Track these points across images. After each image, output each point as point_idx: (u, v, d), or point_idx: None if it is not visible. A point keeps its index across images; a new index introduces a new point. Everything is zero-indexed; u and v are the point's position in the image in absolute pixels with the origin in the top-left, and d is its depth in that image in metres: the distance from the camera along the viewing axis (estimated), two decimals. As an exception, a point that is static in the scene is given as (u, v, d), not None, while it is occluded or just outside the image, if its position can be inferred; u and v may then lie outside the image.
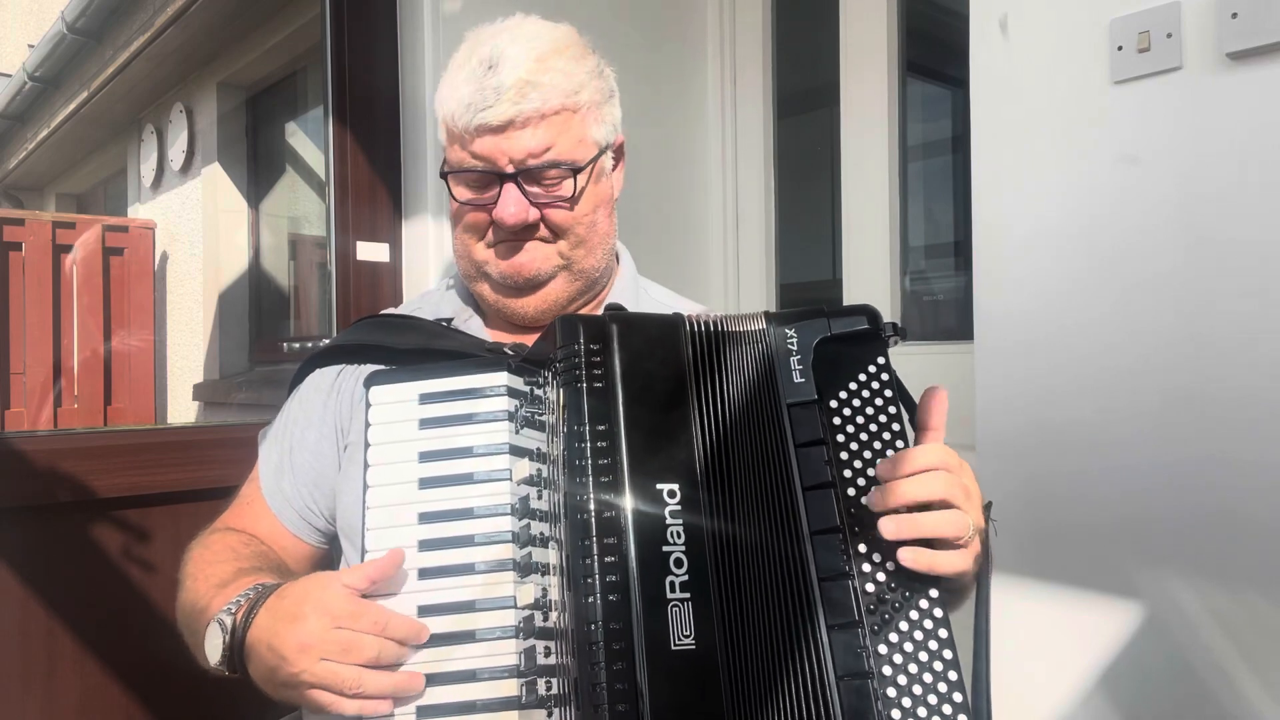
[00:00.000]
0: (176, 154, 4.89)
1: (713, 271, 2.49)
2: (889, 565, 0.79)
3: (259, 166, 4.68)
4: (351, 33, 1.92)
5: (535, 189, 1.02)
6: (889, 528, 0.77)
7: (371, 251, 1.97)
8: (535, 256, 1.05)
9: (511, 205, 1.01)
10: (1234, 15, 1.26)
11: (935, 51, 2.29)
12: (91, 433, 1.79)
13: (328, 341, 1.17)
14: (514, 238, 1.04)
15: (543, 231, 1.04)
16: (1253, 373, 1.27)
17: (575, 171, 1.02)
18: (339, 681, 0.78)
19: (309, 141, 4.38)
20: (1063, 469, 1.45)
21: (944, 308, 2.25)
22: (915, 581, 0.78)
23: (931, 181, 2.30)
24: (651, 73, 2.33)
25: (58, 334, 4.62)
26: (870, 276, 2.21)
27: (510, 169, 1.01)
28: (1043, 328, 1.47)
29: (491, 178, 1.02)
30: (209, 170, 4.67)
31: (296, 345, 2.00)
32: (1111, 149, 1.39)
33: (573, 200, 1.03)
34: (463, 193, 1.05)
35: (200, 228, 4.74)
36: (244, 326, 4.65)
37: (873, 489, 0.80)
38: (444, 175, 1.06)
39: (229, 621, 0.86)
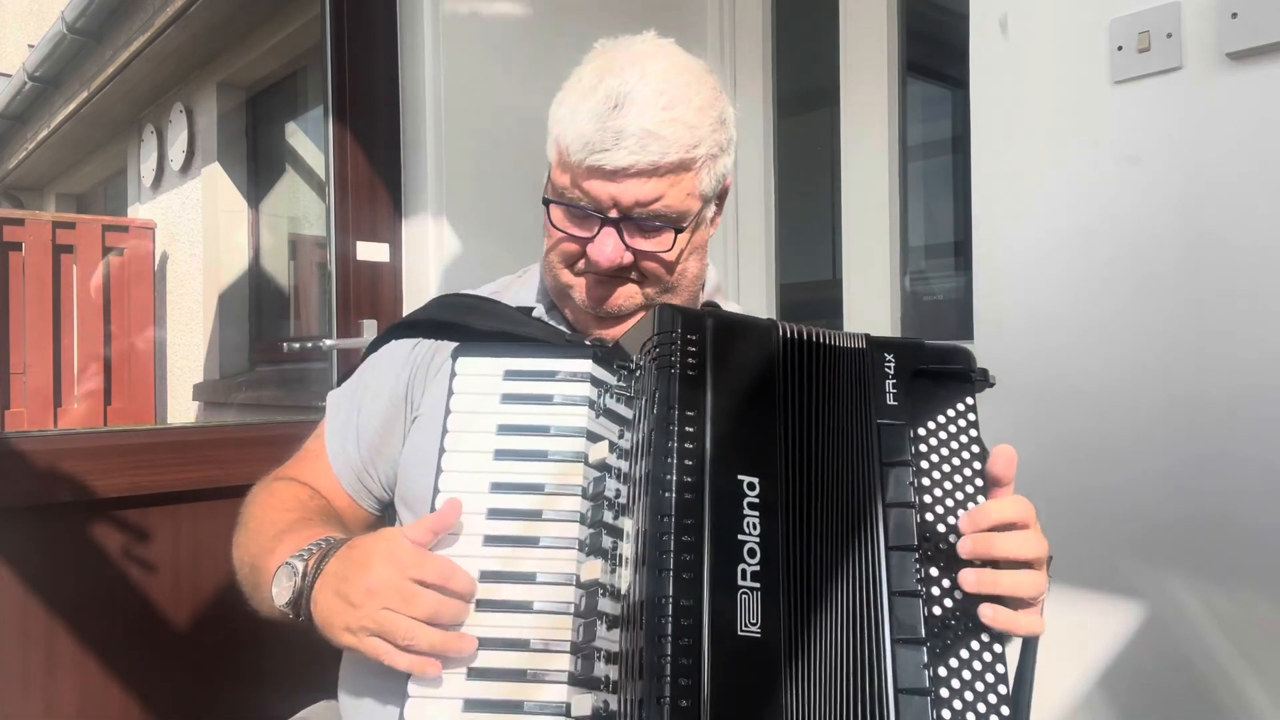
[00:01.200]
0: (176, 154, 4.89)
1: (712, 271, 2.49)
2: (957, 593, 0.81)
3: (259, 166, 4.68)
4: (351, 33, 1.92)
5: (635, 236, 1.01)
6: (969, 580, 0.80)
7: (371, 251, 1.97)
8: (622, 294, 1.05)
9: (609, 248, 1.00)
10: (1234, 15, 1.26)
11: (935, 51, 2.29)
12: (91, 433, 1.79)
13: (409, 315, 1.18)
14: (604, 274, 1.03)
15: (634, 275, 1.04)
16: (1252, 371, 1.27)
17: (678, 230, 1.02)
18: (394, 630, 0.79)
19: (309, 141, 4.38)
20: (1063, 468, 1.45)
21: (944, 308, 2.25)
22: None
23: (931, 181, 2.30)
24: (651, 73, 2.33)
25: (58, 334, 4.62)
26: (870, 276, 2.21)
27: (615, 214, 1.00)
28: (1043, 328, 1.47)
29: (594, 217, 1.01)
30: (209, 170, 4.67)
31: (296, 345, 2.00)
32: (1111, 149, 1.39)
33: (670, 251, 1.03)
34: (561, 221, 1.04)
35: (200, 228, 4.74)
36: (244, 326, 4.65)
37: (962, 537, 0.82)
38: (546, 202, 1.04)
39: (300, 566, 0.88)
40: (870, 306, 2.21)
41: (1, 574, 1.44)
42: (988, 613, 0.79)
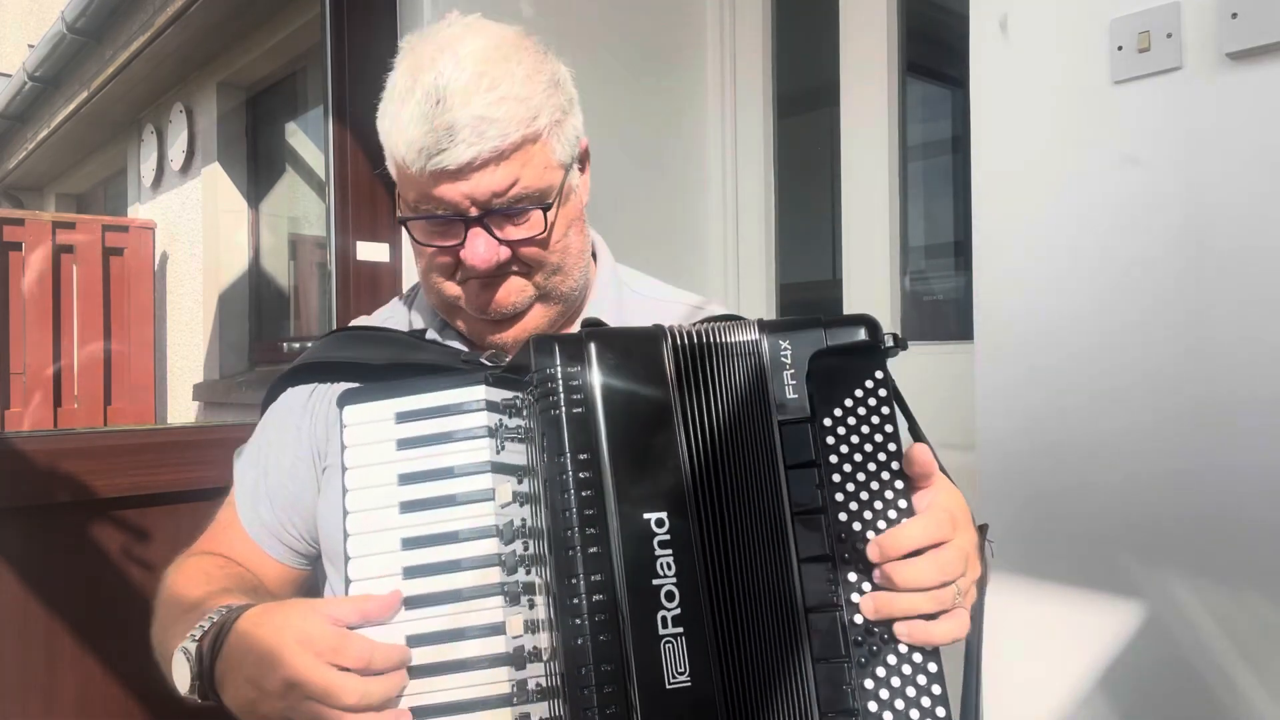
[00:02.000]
0: (176, 154, 4.89)
1: (713, 272, 2.49)
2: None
3: (259, 166, 4.69)
4: (351, 33, 1.92)
5: (504, 227, 0.96)
6: (868, 606, 0.75)
7: (371, 251, 1.97)
8: (510, 290, 0.99)
9: (482, 249, 0.94)
10: (1234, 15, 1.26)
11: (935, 51, 2.29)
12: (91, 433, 1.79)
13: (300, 358, 1.11)
14: (486, 276, 0.98)
15: (516, 267, 0.99)
16: (1253, 369, 1.27)
17: (545, 207, 0.96)
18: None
19: (309, 141, 4.38)
20: (1063, 469, 1.45)
21: (944, 308, 2.25)
22: None
23: (931, 181, 2.29)
24: (652, 73, 2.33)
25: (58, 334, 4.62)
26: (870, 276, 2.21)
27: (475, 211, 0.94)
28: (1043, 327, 1.47)
29: (456, 221, 0.95)
30: (209, 170, 4.68)
31: (296, 345, 2.00)
32: (1111, 149, 1.39)
33: (544, 232, 0.97)
34: (425, 235, 0.98)
35: (200, 228, 4.75)
36: (244, 326, 4.65)
37: (871, 563, 0.77)
38: (402, 221, 0.98)
39: (194, 649, 0.83)
40: (870, 306, 2.21)
41: (1, 574, 1.44)
42: (901, 630, 0.75)
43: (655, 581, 0.73)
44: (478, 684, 0.76)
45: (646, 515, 0.75)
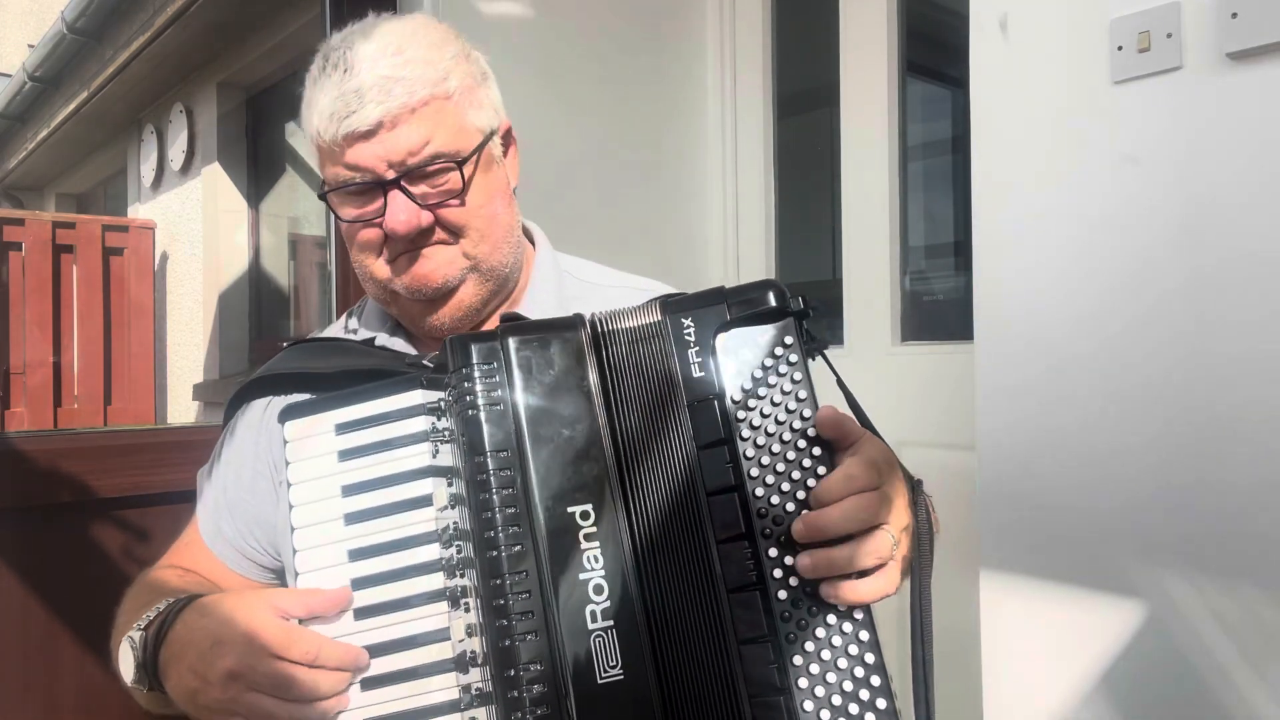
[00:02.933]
0: (176, 154, 4.89)
1: (713, 271, 2.49)
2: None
3: (259, 166, 4.69)
4: (351, 33, 1.92)
5: (422, 189, 0.95)
6: (804, 564, 0.73)
7: (371, 251, 1.97)
8: (439, 263, 0.98)
9: (401, 213, 0.94)
10: (1234, 15, 1.26)
11: (935, 51, 2.29)
12: (91, 433, 1.79)
13: (257, 372, 1.11)
14: (412, 247, 0.97)
15: (440, 235, 0.98)
16: (1253, 369, 1.27)
17: (460, 163, 0.95)
18: (268, 717, 0.75)
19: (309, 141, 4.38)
20: (1063, 468, 1.45)
21: (944, 308, 2.25)
22: None
23: (931, 181, 2.30)
24: (652, 73, 2.33)
25: (58, 334, 4.62)
26: (870, 276, 2.21)
27: (391, 174, 0.94)
28: (1043, 327, 1.47)
29: (374, 188, 0.95)
30: (209, 170, 4.68)
31: (296, 345, 1.99)
32: (1111, 149, 1.39)
33: (463, 193, 0.96)
34: (348, 211, 0.98)
35: (200, 228, 4.75)
36: (244, 326, 4.65)
37: (794, 520, 0.75)
38: (322, 196, 0.98)
39: (139, 637, 0.82)
40: (870, 306, 2.21)
41: (1, 574, 1.44)
42: (827, 591, 0.73)
43: (582, 576, 0.73)
44: (429, 690, 0.77)
45: (570, 509, 0.74)
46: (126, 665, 0.83)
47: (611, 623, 0.72)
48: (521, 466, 0.75)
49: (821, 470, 0.76)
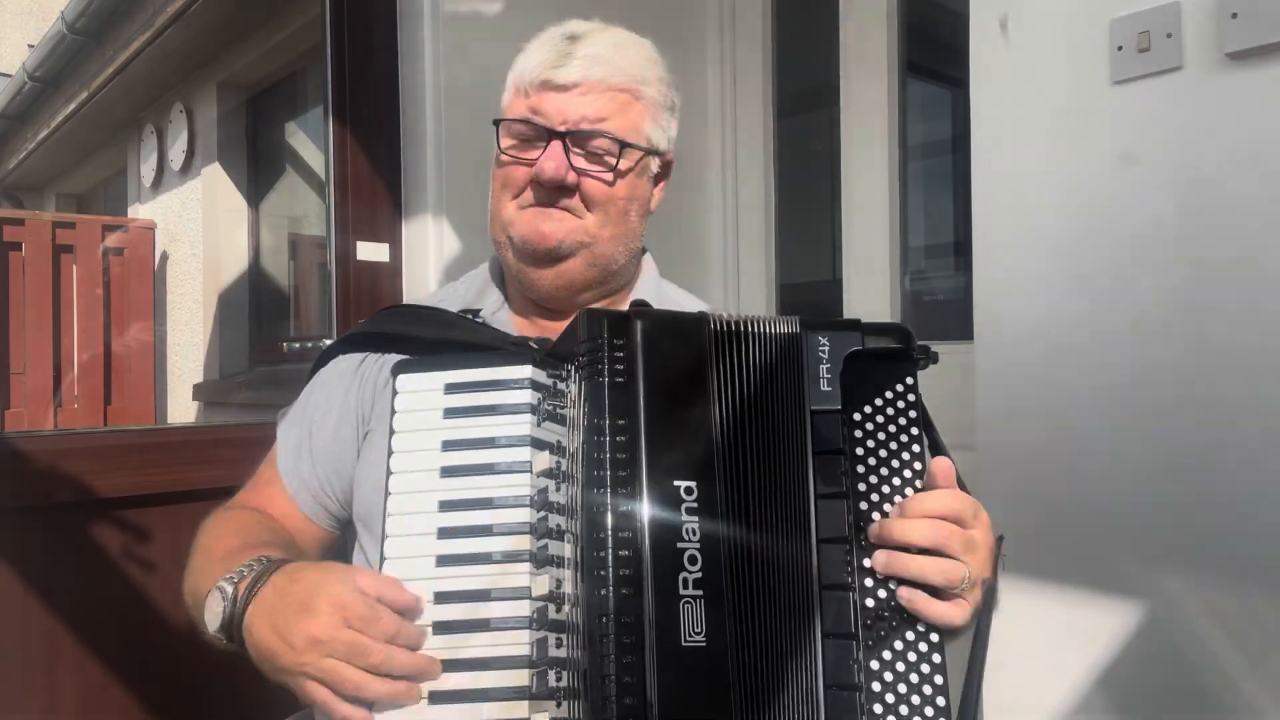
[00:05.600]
0: (176, 154, 4.89)
1: (713, 271, 2.49)
2: (891, 584, 0.80)
3: (259, 166, 4.68)
4: (351, 33, 1.92)
5: (580, 155, 1.04)
6: (880, 559, 0.80)
7: (371, 251, 1.97)
8: (561, 227, 1.05)
9: (553, 160, 1.03)
10: (1234, 15, 1.26)
11: (935, 51, 2.29)
12: (91, 433, 1.79)
13: (353, 329, 1.18)
14: (547, 200, 1.05)
15: (574, 201, 1.05)
16: (1252, 369, 1.27)
17: (623, 146, 1.04)
18: (340, 681, 0.78)
19: (309, 141, 4.38)
20: (1063, 468, 1.45)
21: (944, 308, 2.25)
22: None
23: (931, 181, 2.30)
24: (651, 73, 2.33)
25: (58, 334, 4.62)
26: (870, 276, 2.21)
27: (562, 128, 1.03)
28: (1043, 327, 1.47)
29: (542, 134, 1.04)
30: (209, 170, 4.67)
31: (296, 345, 2.00)
32: (1111, 149, 1.39)
33: (614, 174, 1.05)
34: (509, 142, 1.07)
35: (200, 228, 4.74)
36: (244, 326, 4.65)
37: (878, 522, 0.81)
38: (497, 123, 1.08)
39: (230, 590, 0.86)
40: (870, 306, 2.21)
41: (1, 574, 1.44)
42: (903, 593, 0.79)
43: (680, 545, 0.76)
44: (500, 644, 0.80)
45: (676, 482, 0.78)
46: (212, 614, 0.87)
47: (701, 592, 0.75)
48: (636, 434, 0.78)
49: None
